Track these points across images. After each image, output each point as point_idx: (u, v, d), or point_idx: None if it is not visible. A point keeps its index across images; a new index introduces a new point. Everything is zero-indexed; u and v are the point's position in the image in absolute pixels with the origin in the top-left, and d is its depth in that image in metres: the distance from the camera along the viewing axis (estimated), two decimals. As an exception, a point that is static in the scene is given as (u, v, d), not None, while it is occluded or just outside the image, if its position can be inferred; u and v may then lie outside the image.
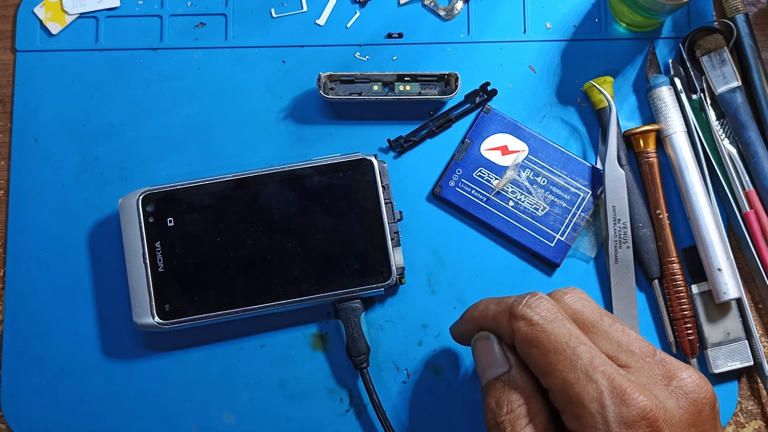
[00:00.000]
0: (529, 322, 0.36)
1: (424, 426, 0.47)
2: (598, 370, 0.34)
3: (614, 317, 0.37)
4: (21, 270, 0.49)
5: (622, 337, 0.36)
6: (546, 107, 0.50)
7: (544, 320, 0.36)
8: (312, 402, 0.47)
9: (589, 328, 0.36)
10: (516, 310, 0.36)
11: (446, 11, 0.51)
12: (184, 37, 0.51)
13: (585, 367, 0.34)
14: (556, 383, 0.34)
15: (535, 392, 0.36)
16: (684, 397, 0.34)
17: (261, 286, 0.45)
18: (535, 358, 0.35)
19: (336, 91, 0.49)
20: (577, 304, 0.37)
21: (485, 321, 0.39)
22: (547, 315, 0.36)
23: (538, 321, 0.36)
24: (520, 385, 0.37)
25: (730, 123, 0.49)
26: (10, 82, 0.51)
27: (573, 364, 0.34)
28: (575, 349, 0.34)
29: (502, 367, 0.38)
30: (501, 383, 0.37)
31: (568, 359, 0.34)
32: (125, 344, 0.48)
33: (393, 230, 0.46)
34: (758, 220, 0.48)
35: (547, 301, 0.36)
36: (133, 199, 0.46)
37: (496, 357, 0.38)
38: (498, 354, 0.38)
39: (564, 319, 0.36)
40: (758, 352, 0.47)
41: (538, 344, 0.35)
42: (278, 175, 0.46)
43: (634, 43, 0.51)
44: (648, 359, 0.35)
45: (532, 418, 0.36)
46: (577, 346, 0.35)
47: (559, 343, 0.35)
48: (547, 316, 0.36)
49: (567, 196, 0.49)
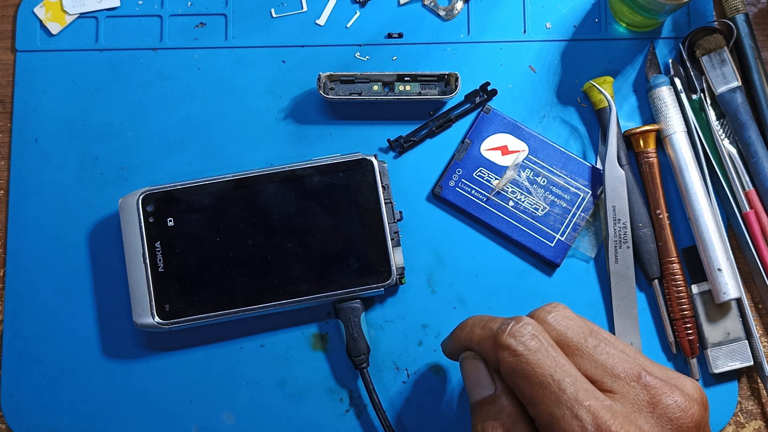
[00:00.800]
0: (513, 352, 0.35)
1: (424, 426, 0.47)
2: (583, 405, 0.33)
3: (599, 335, 0.37)
4: (21, 270, 0.49)
5: (606, 360, 0.36)
6: (546, 107, 0.50)
7: (528, 351, 0.35)
8: (312, 402, 0.47)
9: (574, 351, 0.36)
10: (500, 339, 0.36)
11: (446, 11, 0.51)
12: (184, 37, 0.51)
13: (570, 403, 0.34)
14: (542, 417, 0.34)
15: (521, 417, 0.36)
16: (668, 423, 0.34)
17: (261, 286, 0.45)
18: (521, 389, 0.35)
19: (336, 91, 0.49)
20: (561, 324, 0.37)
21: (471, 344, 0.39)
22: (531, 345, 0.35)
23: (523, 352, 0.35)
24: (506, 410, 0.37)
25: (730, 123, 0.49)
26: (10, 82, 0.51)
27: (558, 399, 0.34)
28: (560, 382, 0.34)
29: (489, 389, 0.38)
30: (488, 405, 0.37)
31: (554, 393, 0.34)
32: (125, 344, 0.48)
33: (393, 230, 0.46)
34: (758, 220, 0.48)
35: (532, 327, 0.36)
36: (133, 199, 0.46)
37: (483, 378, 0.38)
38: (485, 376, 0.38)
39: (549, 348, 0.35)
40: (758, 352, 0.47)
41: (523, 376, 0.35)
42: (278, 175, 0.46)
43: (634, 43, 0.51)
44: (633, 383, 0.35)
45: None
46: (562, 379, 0.34)
47: (544, 376, 0.34)
48: (531, 347, 0.35)
49: (567, 196, 0.49)
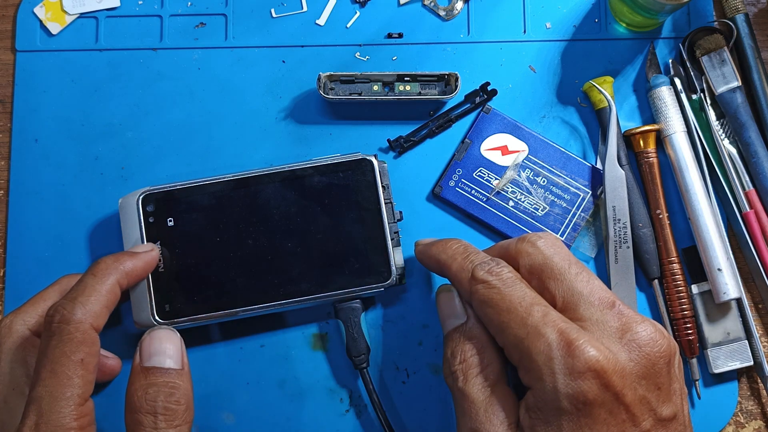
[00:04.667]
0: (487, 285, 0.37)
1: (424, 426, 0.47)
2: (548, 324, 0.34)
3: (583, 266, 0.38)
4: (21, 270, 0.49)
5: (584, 288, 0.36)
6: (546, 107, 0.50)
7: (501, 283, 0.37)
8: (312, 402, 0.47)
9: (556, 275, 0.37)
10: (477, 274, 0.38)
11: (446, 11, 0.51)
12: (184, 37, 0.51)
13: (535, 323, 0.35)
14: (509, 340, 0.35)
15: (489, 344, 0.38)
16: (637, 350, 0.34)
17: (261, 286, 0.45)
18: (490, 317, 0.36)
19: (336, 91, 0.49)
20: (549, 249, 0.38)
21: (447, 270, 0.40)
22: (507, 280, 0.37)
23: (496, 284, 0.37)
24: (476, 336, 0.38)
25: (730, 123, 0.49)
26: (10, 82, 0.51)
27: (524, 321, 0.35)
28: (528, 308, 0.35)
29: (461, 318, 0.39)
30: (458, 334, 0.39)
31: (520, 317, 0.35)
32: (125, 344, 0.48)
33: (393, 230, 0.46)
34: (758, 220, 0.48)
35: (508, 269, 0.37)
36: (133, 199, 0.46)
37: (456, 308, 0.40)
38: (458, 306, 0.40)
39: (522, 284, 0.37)
40: (758, 352, 0.47)
41: (493, 304, 0.36)
42: (278, 175, 0.46)
43: (634, 43, 0.51)
44: (606, 310, 0.36)
45: (484, 368, 0.37)
46: (530, 305, 0.35)
47: (512, 303, 0.36)
48: (505, 281, 0.37)
49: (567, 196, 0.49)
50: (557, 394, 0.33)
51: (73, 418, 0.34)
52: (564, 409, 0.33)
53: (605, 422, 0.33)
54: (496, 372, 0.37)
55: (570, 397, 0.33)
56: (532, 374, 0.34)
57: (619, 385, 0.33)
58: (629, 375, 0.34)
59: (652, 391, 0.34)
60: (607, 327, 0.35)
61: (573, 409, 0.33)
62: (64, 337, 0.35)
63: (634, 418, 0.33)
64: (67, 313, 0.36)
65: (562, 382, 0.33)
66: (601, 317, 0.35)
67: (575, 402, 0.33)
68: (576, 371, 0.33)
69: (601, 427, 0.33)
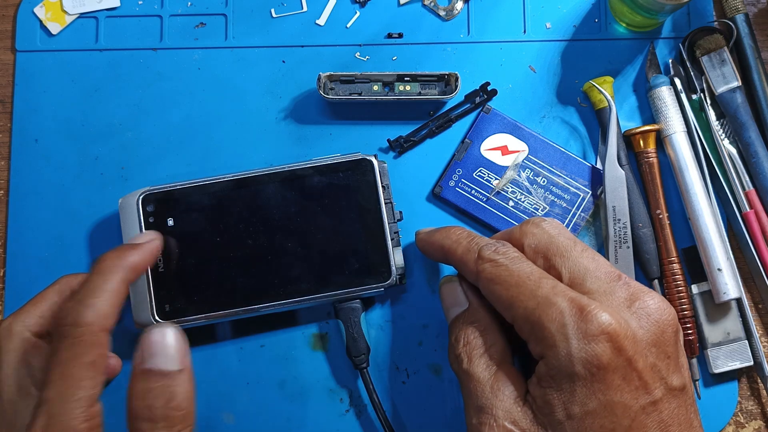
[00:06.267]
0: (494, 263, 0.37)
1: (424, 426, 0.47)
2: (559, 294, 0.34)
3: (586, 245, 0.38)
4: (21, 270, 0.49)
5: (590, 264, 0.37)
6: (546, 107, 0.51)
7: (508, 261, 0.37)
8: (312, 402, 0.47)
9: (562, 253, 0.37)
10: (484, 253, 0.38)
11: (446, 11, 0.51)
12: (184, 37, 0.51)
13: (546, 294, 0.35)
14: (518, 313, 0.35)
15: (492, 325, 0.38)
16: (646, 318, 0.35)
17: (261, 286, 0.45)
18: (499, 293, 0.37)
19: (336, 91, 0.49)
20: (554, 230, 0.39)
21: (452, 255, 0.40)
22: (513, 258, 0.37)
23: (503, 262, 0.37)
24: (478, 320, 0.39)
25: (730, 123, 0.49)
26: (10, 82, 0.51)
27: (534, 293, 0.35)
28: (537, 281, 0.36)
29: (463, 305, 0.40)
30: (460, 320, 0.39)
31: (530, 290, 0.35)
32: (125, 344, 0.48)
33: (393, 230, 0.46)
34: (758, 220, 0.48)
35: (514, 250, 0.38)
36: (133, 199, 0.46)
37: (459, 297, 0.40)
38: (460, 294, 0.40)
39: (528, 262, 0.37)
40: (758, 352, 0.47)
41: (501, 281, 0.36)
42: (278, 175, 0.46)
43: (634, 43, 0.51)
44: (613, 283, 0.36)
45: (487, 349, 0.37)
46: (539, 278, 0.36)
47: (521, 278, 0.36)
48: (513, 259, 0.37)
49: (567, 196, 0.49)
50: (571, 358, 0.33)
51: (83, 419, 0.34)
52: (578, 374, 0.33)
53: (618, 388, 0.33)
54: (500, 351, 0.37)
55: (584, 361, 0.33)
56: (546, 342, 0.34)
57: (631, 350, 0.33)
58: (640, 341, 0.34)
59: (662, 359, 0.34)
60: (615, 297, 0.35)
61: (587, 373, 0.33)
62: (75, 341, 0.35)
63: (646, 385, 0.33)
64: (77, 316, 0.36)
65: (576, 347, 0.33)
66: (608, 288, 0.36)
67: (589, 366, 0.33)
68: (590, 335, 0.33)
69: (615, 393, 0.33)
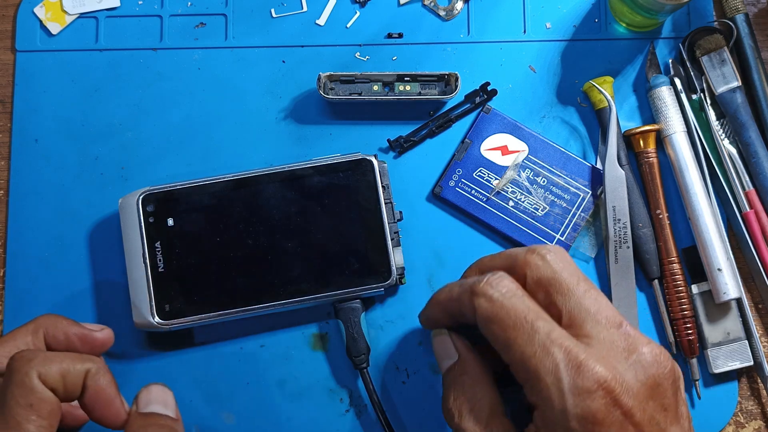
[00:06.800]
0: (489, 299, 0.36)
1: (424, 426, 0.47)
2: (555, 343, 0.34)
3: (592, 284, 0.37)
4: (21, 270, 0.49)
5: (592, 305, 0.36)
6: (546, 107, 0.50)
7: (503, 297, 0.36)
8: (312, 402, 0.47)
9: (564, 291, 0.37)
10: (477, 288, 0.37)
11: (446, 11, 0.51)
12: (184, 37, 0.51)
13: (542, 341, 0.34)
14: (515, 357, 0.35)
15: (482, 377, 0.38)
16: (642, 370, 0.34)
17: (261, 286, 0.45)
18: (496, 334, 0.36)
19: (336, 91, 0.49)
20: (558, 264, 0.37)
21: (451, 302, 0.40)
22: (506, 292, 0.36)
23: (498, 298, 0.36)
24: (467, 371, 0.38)
25: (730, 123, 0.49)
26: (10, 82, 0.51)
27: (531, 339, 0.34)
28: (533, 323, 0.35)
29: (453, 357, 0.39)
30: (451, 373, 0.39)
31: (527, 333, 0.35)
32: (125, 344, 0.48)
33: (393, 230, 0.46)
34: (758, 220, 0.48)
35: (508, 280, 0.37)
36: (133, 199, 0.46)
37: (450, 349, 0.40)
38: (450, 347, 0.40)
39: (523, 296, 0.36)
40: (758, 352, 0.47)
41: (497, 320, 0.36)
42: (278, 175, 0.46)
43: (634, 43, 0.51)
44: (612, 330, 0.35)
45: (477, 402, 0.37)
46: (535, 320, 0.35)
47: (517, 318, 0.35)
48: (506, 293, 0.36)
49: (567, 196, 0.49)
50: (566, 414, 0.33)
51: None
52: (573, 430, 0.33)
53: None
54: (491, 404, 0.37)
55: (579, 417, 0.32)
56: (541, 395, 0.34)
57: (627, 403, 0.33)
58: (637, 395, 0.33)
59: (660, 411, 0.34)
60: (614, 347, 0.35)
61: (582, 429, 0.33)
62: None
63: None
64: None
65: (571, 402, 0.33)
66: (607, 336, 0.35)
67: (584, 422, 0.32)
68: (585, 390, 0.33)
69: None
